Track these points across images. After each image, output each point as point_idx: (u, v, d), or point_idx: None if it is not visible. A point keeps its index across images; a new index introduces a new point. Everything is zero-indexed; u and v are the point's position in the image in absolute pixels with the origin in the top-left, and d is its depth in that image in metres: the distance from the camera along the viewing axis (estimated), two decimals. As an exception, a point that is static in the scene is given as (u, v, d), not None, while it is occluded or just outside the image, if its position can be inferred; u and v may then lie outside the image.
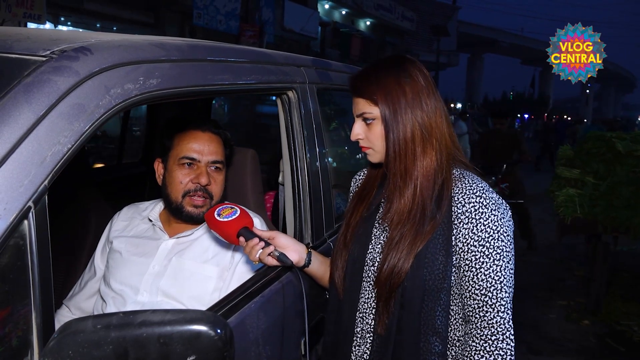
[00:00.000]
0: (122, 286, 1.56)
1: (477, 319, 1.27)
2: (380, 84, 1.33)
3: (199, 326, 0.88)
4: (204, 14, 12.72)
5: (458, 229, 1.29)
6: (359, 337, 1.38)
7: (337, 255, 1.44)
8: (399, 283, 1.28)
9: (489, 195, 1.30)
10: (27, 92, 0.90)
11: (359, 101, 1.36)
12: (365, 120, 1.36)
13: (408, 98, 1.32)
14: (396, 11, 23.87)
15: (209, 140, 1.62)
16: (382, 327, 1.31)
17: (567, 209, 4.46)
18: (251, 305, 1.35)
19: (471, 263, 1.28)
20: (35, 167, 0.87)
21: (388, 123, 1.32)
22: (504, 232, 1.29)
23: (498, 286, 1.26)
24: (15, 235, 0.84)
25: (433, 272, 1.27)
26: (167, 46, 1.22)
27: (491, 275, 1.26)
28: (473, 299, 1.27)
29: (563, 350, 4.00)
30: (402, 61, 1.37)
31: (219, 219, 1.38)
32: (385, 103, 1.32)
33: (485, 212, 1.28)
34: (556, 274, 5.76)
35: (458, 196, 1.30)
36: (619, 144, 4.44)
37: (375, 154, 1.38)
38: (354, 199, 1.50)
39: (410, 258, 1.27)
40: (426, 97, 1.33)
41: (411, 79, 1.33)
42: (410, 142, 1.31)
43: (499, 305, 1.26)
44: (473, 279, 1.27)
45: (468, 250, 1.28)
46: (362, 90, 1.35)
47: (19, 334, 0.85)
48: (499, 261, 1.27)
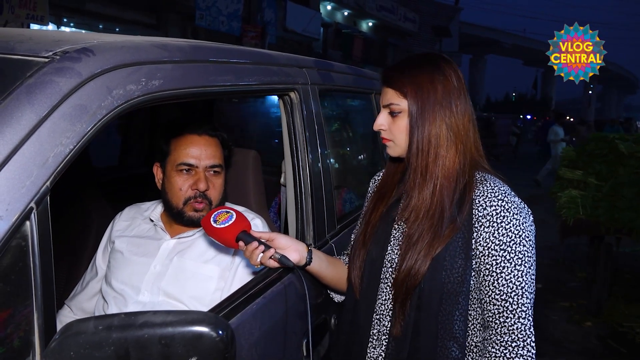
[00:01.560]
0: (123, 286, 1.56)
1: (497, 325, 1.24)
2: (413, 77, 1.31)
3: (200, 327, 0.88)
4: (206, 15, 12.73)
5: (479, 233, 1.27)
6: (375, 339, 1.36)
7: (356, 254, 1.43)
8: (415, 285, 1.26)
9: (510, 199, 1.27)
10: (30, 93, 0.90)
11: (388, 91, 1.35)
12: (392, 112, 1.34)
13: (438, 96, 1.30)
14: (398, 12, 23.86)
15: (206, 144, 1.61)
16: (397, 329, 1.30)
17: (569, 210, 4.46)
18: (253, 306, 1.35)
19: (492, 267, 1.25)
20: (37, 168, 0.87)
21: (414, 118, 1.31)
22: (526, 237, 1.26)
23: (519, 292, 1.23)
24: (17, 236, 0.84)
25: (452, 275, 1.26)
26: (170, 47, 1.22)
27: (512, 280, 1.23)
28: (493, 304, 1.25)
29: (565, 352, 3.99)
30: (438, 59, 1.35)
31: (216, 225, 1.36)
32: (414, 97, 1.30)
33: (507, 216, 1.25)
34: (558, 276, 5.75)
35: (479, 199, 1.28)
36: (621, 145, 4.43)
37: (396, 147, 1.37)
38: (374, 197, 1.49)
39: (427, 260, 1.26)
40: (457, 98, 1.32)
41: (444, 77, 1.32)
42: (434, 142, 1.30)
43: (519, 311, 1.23)
44: (493, 283, 1.25)
45: (489, 254, 1.25)
46: (394, 80, 1.34)
47: (21, 334, 0.85)
48: (520, 266, 1.24)
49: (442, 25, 26.47)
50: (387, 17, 22.94)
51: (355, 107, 2.80)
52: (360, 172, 2.66)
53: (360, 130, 2.77)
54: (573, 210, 4.43)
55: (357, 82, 2.38)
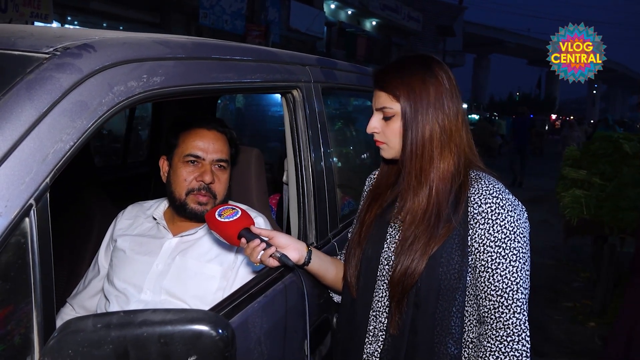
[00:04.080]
0: (125, 285, 1.56)
1: (493, 320, 1.26)
2: (405, 80, 1.31)
3: (200, 326, 0.88)
4: (210, 13, 12.75)
5: (474, 230, 1.28)
6: (371, 335, 1.37)
7: (351, 253, 1.43)
8: (412, 284, 1.27)
9: (505, 197, 1.29)
10: (30, 89, 0.89)
11: (381, 94, 1.35)
12: (385, 116, 1.34)
13: (431, 98, 1.30)
14: (402, 11, 23.87)
15: (214, 139, 1.61)
16: (394, 327, 1.30)
17: (573, 210, 4.44)
18: (254, 305, 1.34)
19: (487, 264, 1.27)
20: (37, 165, 0.86)
21: (408, 121, 1.31)
22: (521, 234, 1.28)
23: (514, 287, 1.25)
24: (17, 232, 0.83)
25: (449, 272, 1.27)
26: (171, 44, 1.22)
27: (507, 276, 1.25)
28: (489, 300, 1.26)
29: (568, 353, 3.97)
30: (429, 61, 1.36)
31: (220, 219, 1.37)
32: (407, 100, 1.31)
33: (502, 213, 1.27)
34: (562, 276, 5.73)
35: (474, 197, 1.29)
36: (626, 145, 4.42)
37: (390, 149, 1.37)
38: (368, 197, 1.49)
39: (423, 260, 1.26)
40: (449, 100, 1.32)
41: (436, 79, 1.32)
42: (428, 143, 1.30)
43: (515, 307, 1.25)
44: (489, 279, 1.26)
45: (484, 250, 1.27)
46: (385, 83, 1.34)
47: (22, 331, 0.84)
48: (515, 262, 1.26)
49: (446, 25, 26.41)
50: (391, 16, 22.94)
51: (359, 105, 2.79)
52: (363, 171, 2.65)
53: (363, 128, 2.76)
54: (577, 210, 4.42)
55: (360, 80, 2.37)
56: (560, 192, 4.65)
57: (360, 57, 19.94)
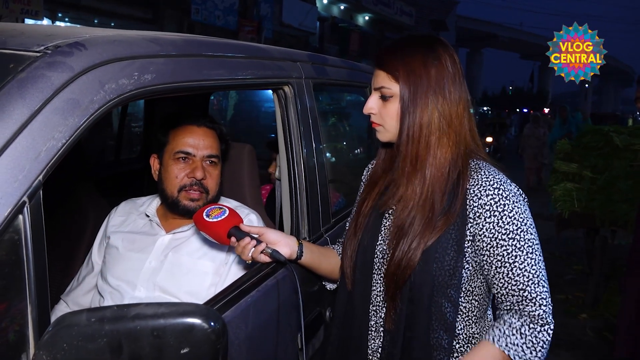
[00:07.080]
0: (119, 282, 1.56)
1: (516, 312, 1.22)
2: (406, 60, 1.25)
3: (192, 319, 0.89)
4: (202, 9, 12.70)
5: (479, 224, 1.23)
6: (373, 331, 1.34)
7: (348, 244, 1.40)
8: (406, 278, 1.23)
9: (507, 187, 1.23)
10: (21, 87, 0.90)
11: (380, 74, 1.30)
12: (383, 96, 1.29)
13: (431, 82, 1.24)
14: (395, 6, 23.81)
15: (204, 135, 1.62)
16: (389, 322, 1.28)
17: (565, 203, 4.47)
18: (247, 299, 1.35)
19: (503, 258, 1.21)
20: (29, 162, 0.87)
21: (405, 104, 1.25)
22: (531, 225, 1.23)
23: (536, 280, 1.20)
24: (10, 230, 0.84)
25: (443, 267, 1.22)
26: (162, 41, 1.22)
27: (527, 269, 1.20)
28: (512, 295, 1.21)
29: (561, 344, 4.01)
30: (433, 42, 1.29)
31: (208, 219, 1.36)
32: (406, 81, 1.25)
33: (508, 204, 1.21)
34: (554, 269, 5.77)
35: (473, 189, 1.24)
36: (616, 138, 4.45)
37: (386, 132, 1.32)
38: (366, 186, 1.46)
39: (419, 251, 1.22)
40: (451, 84, 1.26)
41: (439, 62, 1.26)
42: (425, 129, 1.25)
43: (540, 299, 1.21)
44: (508, 274, 1.21)
45: (497, 244, 1.21)
46: (385, 62, 1.28)
47: (16, 328, 0.85)
48: (532, 254, 1.21)
49: (438, 19, 26.42)
50: (384, 11, 22.88)
51: (351, 100, 2.80)
52: (355, 165, 2.67)
53: (355, 124, 2.77)
54: (569, 203, 4.45)
55: (352, 76, 2.38)
56: (552, 186, 4.68)
57: (353, 52, 19.91)
